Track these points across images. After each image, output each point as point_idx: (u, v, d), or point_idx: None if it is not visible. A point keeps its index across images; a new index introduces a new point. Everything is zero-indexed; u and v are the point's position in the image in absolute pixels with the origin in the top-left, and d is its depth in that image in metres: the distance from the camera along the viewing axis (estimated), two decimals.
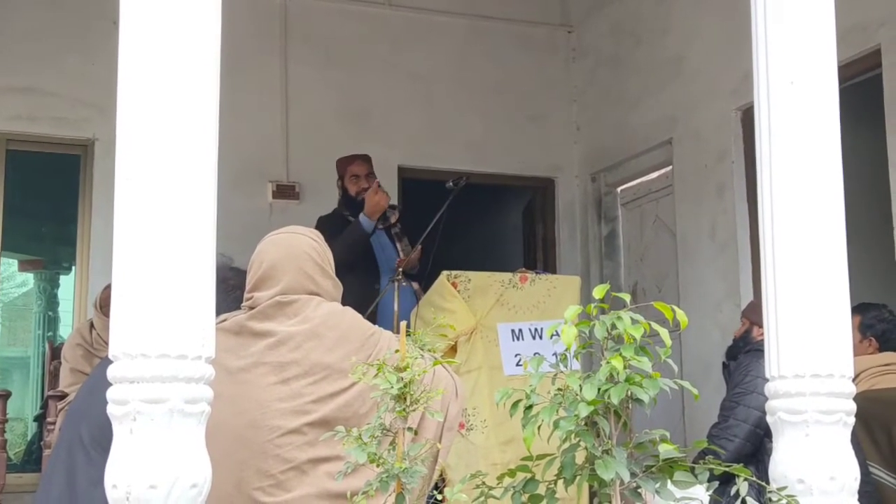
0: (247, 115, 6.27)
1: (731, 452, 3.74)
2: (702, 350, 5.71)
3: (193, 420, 1.77)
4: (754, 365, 3.83)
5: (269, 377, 2.58)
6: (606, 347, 1.74)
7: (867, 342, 4.20)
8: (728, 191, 5.75)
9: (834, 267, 2.14)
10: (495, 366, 4.46)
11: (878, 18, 4.84)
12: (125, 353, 1.76)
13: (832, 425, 2.07)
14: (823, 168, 2.16)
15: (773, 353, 2.13)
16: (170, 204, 1.79)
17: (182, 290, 1.78)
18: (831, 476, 2.04)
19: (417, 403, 1.83)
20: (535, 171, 7.32)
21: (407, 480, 1.78)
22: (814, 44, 2.20)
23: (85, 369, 4.88)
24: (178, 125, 1.82)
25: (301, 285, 2.69)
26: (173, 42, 1.84)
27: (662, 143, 6.40)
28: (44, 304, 7.94)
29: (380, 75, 6.90)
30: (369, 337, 2.69)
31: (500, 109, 7.16)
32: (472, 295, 4.49)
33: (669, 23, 6.36)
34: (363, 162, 5.50)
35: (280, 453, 2.52)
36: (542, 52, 7.42)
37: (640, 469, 1.72)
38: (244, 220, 5.71)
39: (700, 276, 5.96)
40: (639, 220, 6.87)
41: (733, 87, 5.64)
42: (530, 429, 1.74)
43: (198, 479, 1.75)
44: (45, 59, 6.19)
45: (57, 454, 2.84)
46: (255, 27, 6.54)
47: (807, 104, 2.17)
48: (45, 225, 7.46)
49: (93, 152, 6.25)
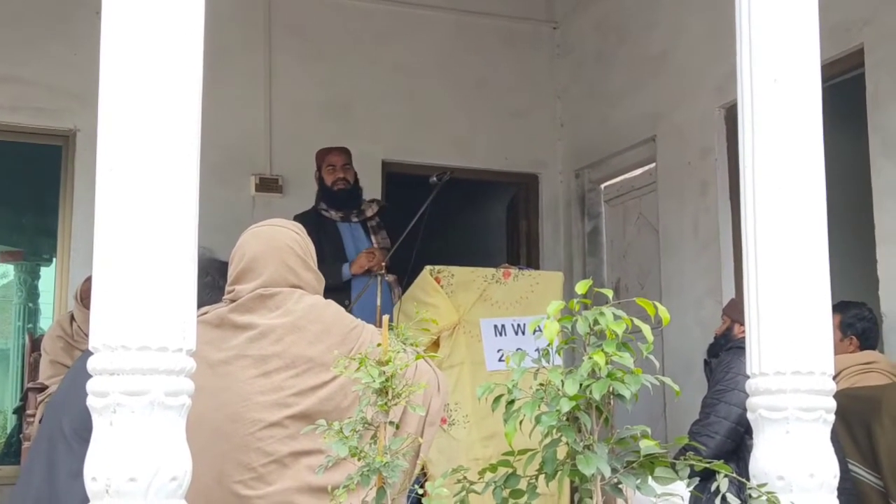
0: (230, 108, 6.25)
1: (711, 449, 3.75)
2: (683, 346, 5.73)
3: (174, 413, 1.77)
4: (735, 362, 3.84)
5: (251, 370, 2.57)
6: (589, 343, 1.75)
7: (848, 340, 4.22)
8: (711, 188, 5.76)
9: (815, 265, 2.14)
10: (478, 361, 4.47)
11: (862, 18, 4.86)
12: (105, 345, 1.75)
13: (812, 422, 2.08)
14: (806, 166, 2.17)
15: (755, 350, 2.14)
16: (151, 196, 1.78)
17: (163, 282, 1.77)
18: (811, 473, 2.05)
19: (399, 398, 1.83)
20: (518, 167, 7.33)
21: (388, 475, 1.78)
22: (797, 42, 2.20)
23: (65, 361, 4.87)
24: (160, 117, 1.81)
25: (283, 278, 2.68)
26: (156, 33, 1.82)
27: (646, 139, 6.41)
28: (24, 296, 7.90)
29: (364, 69, 6.88)
30: (351, 330, 2.68)
31: (484, 105, 7.17)
32: (455, 290, 4.49)
33: (654, 19, 6.37)
34: (340, 153, 5.54)
35: (261, 446, 2.51)
36: (527, 47, 7.42)
37: (622, 465, 1.73)
38: (227, 213, 5.70)
39: (682, 272, 5.98)
40: (622, 217, 6.88)
41: (717, 85, 5.65)
42: (512, 424, 1.74)
43: (178, 471, 1.75)
44: (27, 49, 6.15)
45: (38, 446, 2.83)
46: (238, 19, 6.52)
47: (790, 102, 2.18)
48: (25, 216, 7.43)
49: (74, 143, 6.21)
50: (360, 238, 5.42)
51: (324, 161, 5.53)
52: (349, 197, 5.48)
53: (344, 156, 5.54)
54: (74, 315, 5.07)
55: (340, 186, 5.46)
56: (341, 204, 5.46)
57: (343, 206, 5.46)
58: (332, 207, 5.44)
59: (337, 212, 5.45)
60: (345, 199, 5.46)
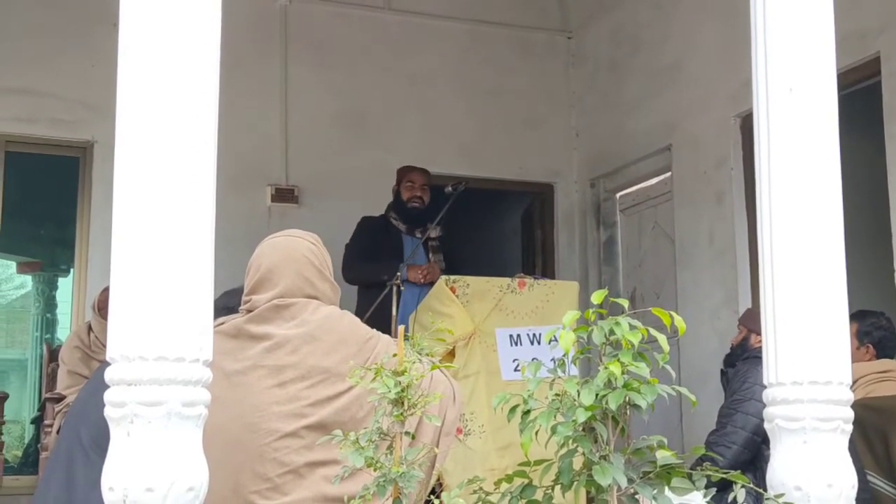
0: (246, 119, 6.28)
1: (728, 459, 3.74)
2: (700, 356, 5.71)
3: (191, 423, 1.77)
4: (752, 372, 3.82)
5: (267, 380, 2.58)
6: (604, 353, 1.75)
7: (864, 349, 4.19)
8: (727, 197, 5.75)
9: (832, 274, 2.14)
10: (493, 371, 4.46)
11: (878, 26, 4.84)
12: (123, 356, 1.76)
13: (830, 432, 2.07)
14: (822, 175, 2.16)
15: (771, 359, 2.13)
16: (168, 206, 1.79)
17: (180, 292, 1.78)
18: (829, 483, 2.04)
19: (415, 408, 1.83)
20: (534, 177, 7.32)
21: (404, 485, 1.78)
22: (813, 51, 2.20)
23: (83, 372, 4.89)
24: (177, 128, 1.82)
25: (299, 289, 2.68)
26: (173, 44, 1.84)
27: (661, 149, 6.40)
28: (42, 307, 7.93)
29: (379, 79, 6.90)
30: (367, 341, 2.69)
31: (499, 114, 7.17)
32: (471, 300, 4.49)
33: (669, 29, 6.37)
34: (422, 174, 5.83)
35: (277, 457, 2.52)
36: (542, 57, 7.42)
37: (638, 475, 1.72)
38: (243, 224, 5.73)
39: (698, 282, 5.96)
40: (637, 226, 6.87)
41: (732, 94, 5.64)
42: (528, 434, 1.74)
43: (195, 482, 1.75)
44: (45, 61, 6.18)
45: (56, 456, 2.84)
46: (254, 30, 6.54)
47: (806, 111, 2.17)
48: (43, 227, 7.46)
49: (92, 154, 6.24)
50: (419, 253, 5.60)
51: (405, 177, 5.80)
52: (420, 215, 5.68)
53: (425, 177, 5.82)
54: (92, 325, 5.10)
55: (415, 204, 5.72)
56: (412, 220, 5.67)
57: (413, 223, 5.66)
58: (402, 220, 5.68)
59: (405, 224, 5.67)
60: (416, 216, 5.68)
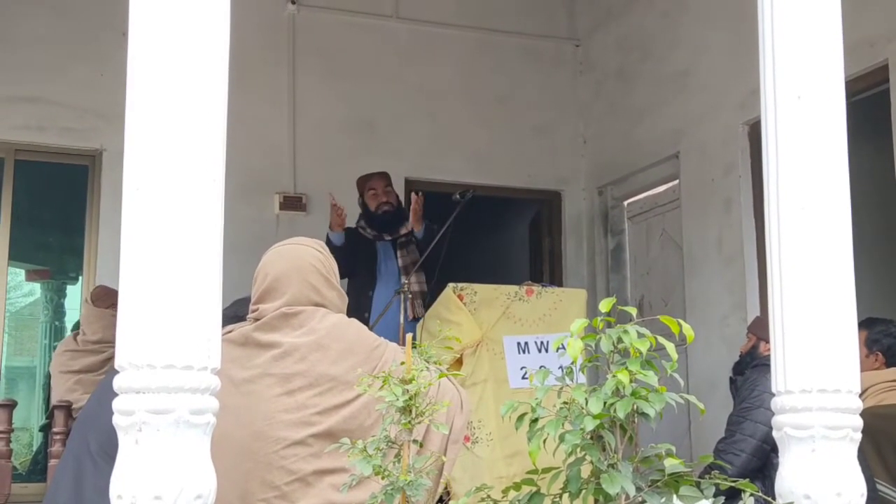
0: (254, 127, 6.30)
1: (737, 467, 3.72)
2: (708, 364, 5.69)
3: (199, 431, 1.77)
4: (761, 380, 3.81)
5: (275, 388, 2.58)
6: (612, 361, 1.74)
7: (873, 357, 4.18)
8: (735, 205, 5.74)
9: (841, 281, 2.13)
10: (501, 378, 4.46)
11: (886, 34, 4.83)
12: (131, 364, 1.76)
13: (839, 441, 2.07)
14: (830, 183, 2.16)
15: (780, 367, 2.12)
16: (177, 215, 1.80)
17: (188, 300, 1.78)
18: (838, 492, 2.03)
19: (423, 416, 1.83)
20: (541, 184, 7.33)
21: (412, 493, 1.77)
22: (821, 59, 2.20)
23: (73, 368, 4.99)
24: (185, 136, 1.82)
25: (306, 297, 2.69)
26: (182, 53, 1.84)
27: (669, 156, 6.40)
28: (50, 314, 7.96)
29: (387, 87, 6.91)
30: (374, 349, 2.69)
31: (507, 122, 7.18)
32: (479, 307, 4.49)
33: (676, 37, 6.37)
34: (380, 178, 5.73)
35: (285, 465, 2.52)
36: (549, 65, 7.43)
37: (646, 483, 1.72)
38: (251, 231, 5.73)
39: (706, 290, 5.95)
40: (645, 234, 6.86)
41: (740, 102, 5.64)
42: (536, 442, 1.74)
43: (203, 490, 1.75)
44: (54, 70, 6.21)
45: (64, 463, 2.85)
46: (263, 38, 6.57)
47: (814, 119, 2.17)
48: (52, 235, 7.49)
49: (101, 163, 6.27)
50: (389, 254, 5.58)
51: (365, 187, 5.71)
52: (394, 218, 5.64)
53: (384, 179, 5.73)
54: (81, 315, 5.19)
55: (385, 209, 5.63)
56: (387, 226, 5.61)
57: (389, 228, 5.61)
58: (374, 229, 5.61)
59: (371, 230, 5.62)
60: (390, 220, 5.63)
